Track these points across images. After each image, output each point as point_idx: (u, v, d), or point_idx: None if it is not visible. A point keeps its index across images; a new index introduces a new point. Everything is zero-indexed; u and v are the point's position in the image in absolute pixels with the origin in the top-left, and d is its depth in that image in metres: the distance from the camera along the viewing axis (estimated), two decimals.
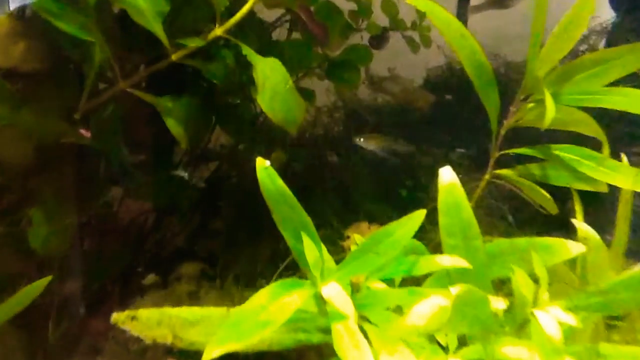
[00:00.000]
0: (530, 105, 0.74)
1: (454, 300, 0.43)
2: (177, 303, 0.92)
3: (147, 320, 0.50)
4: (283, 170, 0.98)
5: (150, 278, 1.00)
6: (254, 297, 0.48)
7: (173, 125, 0.77)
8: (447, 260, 0.54)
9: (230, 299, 0.98)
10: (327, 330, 0.56)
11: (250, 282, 0.97)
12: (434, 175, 0.63)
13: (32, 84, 0.76)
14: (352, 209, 0.72)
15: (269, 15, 0.96)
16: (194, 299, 0.99)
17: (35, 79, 0.76)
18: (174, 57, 0.74)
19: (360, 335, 0.48)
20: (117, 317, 0.53)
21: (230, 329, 0.45)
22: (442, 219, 0.54)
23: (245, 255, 1.04)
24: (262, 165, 0.54)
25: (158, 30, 0.71)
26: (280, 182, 0.53)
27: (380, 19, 1.18)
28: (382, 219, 0.75)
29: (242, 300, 0.62)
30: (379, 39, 1.12)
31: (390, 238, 0.54)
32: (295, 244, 0.53)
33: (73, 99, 0.78)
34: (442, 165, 0.66)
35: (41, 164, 0.80)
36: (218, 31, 0.74)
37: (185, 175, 0.98)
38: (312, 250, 0.51)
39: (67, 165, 0.82)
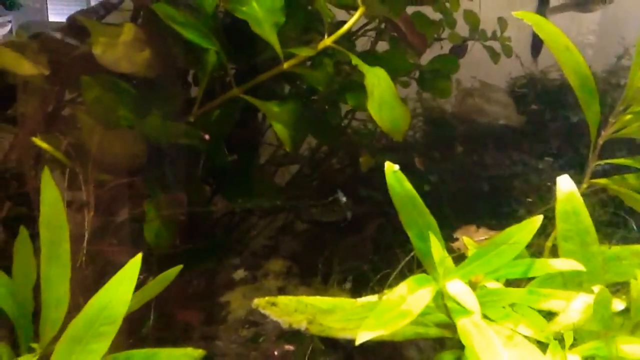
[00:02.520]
0: (629, 116, 0.76)
1: (594, 298, 0.46)
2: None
3: (285, 307, 0.55)
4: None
5: (240, 273, 1.05)
6: (395, 289, 0.52)
7: (280, 129, 0.82)
8: (561, 264, 0.57)
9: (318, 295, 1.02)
10: (443, 325, 0.60)
11: (331, 280, 1.01)
12: (528, 182, 0.66)
13: (152, 88, 0.81)
14: (456, 213, 0.75)
15: None
16: (283, 294, 1.03)
17: (154, 83, 0.82)
18: (285, 65, 0.78)
19: (488, 328, 0.51)
20: (258, 302, 0.58)
21: (378, 317, 0.49)
22: (560, 225, 0.57)
23: (326, 254, 1.08)
24: (391, 169, 0.58)
25: (273, 39, 0.76)
26: (408, 185, 0.57)
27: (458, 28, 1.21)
28: (485, 223, 0.78)
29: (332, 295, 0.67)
30: (458, 49, 1.15)
31: (510, 241, 0.57)
32: (419, 244, 0.57)
33: (188, 103, 0.84)
34: (534, 172, 0.69)
35: (154, 163, 0.86)
36: (328, 41, 0.79)
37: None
38: (438, 249, 0.55)
39: (176, 164, 0.88)
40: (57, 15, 1.32)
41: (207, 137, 0.78)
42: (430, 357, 0.74)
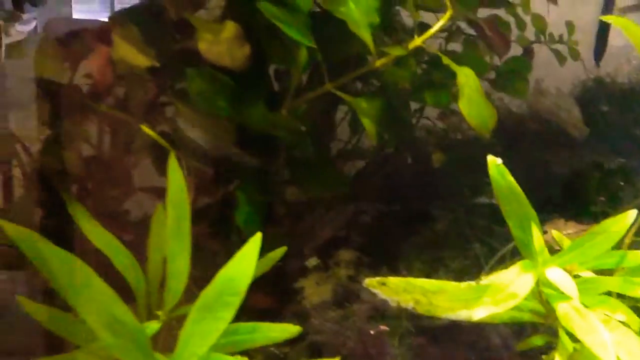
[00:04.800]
0: None
1: None
2: (339, 284, 1.02)
3: (395, 287, 0.59)
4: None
5: (313, 261, 1.10)
6: (505, 272, 0.56)
7: (368, 124, 0.86)
8: None
9: None
10: (536, 312, 0.64)
11: (397, 269, 1.06)
12: (601, 182, 0.70)
13: (248, 81, 0.87)
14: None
15: None
16: (354, 282, 1.08)
17: (251, 77, 0.87)
18: (378, 63, 0.83)
19: (589, 312, 0.56)
20: (369, 282, 0.62)
21: (491, 296, 0.53)
22: None
23: (394, 246, 1.13)
24: (494, 162, 0.62)
25: (368, 39, 0.81)
26: (510, 178, 0.61)
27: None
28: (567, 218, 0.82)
29: None
30: (526, 52, 1.19)
31: (605, 233, 0.61)
32: (520, 233, 0.61)
33: (280, 96, 0.89)
34: (606, 173, 0.73)
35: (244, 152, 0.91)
36: (418, 41, 0.83)
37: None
38: (539, 239, 0.59)
39: (262, 153, 0.93)
40: (81, 13, 1.37)
41: (303, 128, 0.83)
42: (511, 344, 0.79)
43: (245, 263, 0.60)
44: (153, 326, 0.62)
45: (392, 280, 0.60)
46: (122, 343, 0.56)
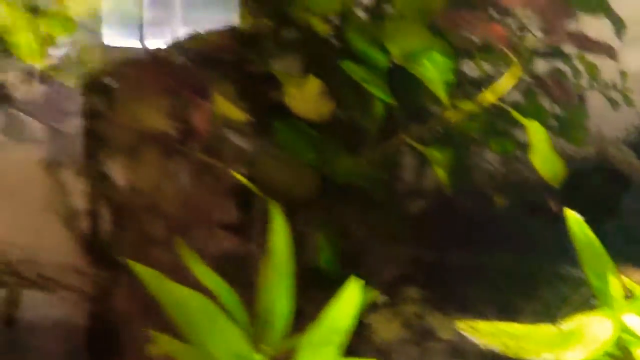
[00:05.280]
0: None
1: None
2: (407, 321, 1.08)
3: (484, 330, 0.65)
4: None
5: (380, 297, 1.16)
6: (585, 318, 0.62)
7: (441, 173, 0.93)
8: None
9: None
10: (615, 357, 0.69)
11: (465, 308, 1.11)
12: None
13: (331, 133, 0.94)
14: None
15: None
16: (420, 320, 1.14)
17: (333, 129, 0.95)
18: (451, 117, 0.90)
19: None
20: (460, 325, 0.68)
21: (575, 340, 0.59)
22: None
23: (458, 285, 1.18)
24: (573, 216, 0.68)
25: (442, 96, 0.88)
26: (589, 232, 0.67)
27: None
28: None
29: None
30: (579, 99, 1.25)
31: None
32: (597, 282, 0.67)
33: (359, 146, 0.96)
34: None
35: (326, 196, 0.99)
36: (489, 97, 0.90)
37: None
38: (617, 288, 0.65)
39: (343, 198, 1.00)
40: (111, 38, 1.42)
41: (382, 176, 0.90)
42: None
43: (348, 304, 0.67)
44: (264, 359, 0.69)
45: (481, 324, 0.66)
46: None
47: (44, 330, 1.16)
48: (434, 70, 0.87)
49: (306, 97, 0.90)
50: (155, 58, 0.85)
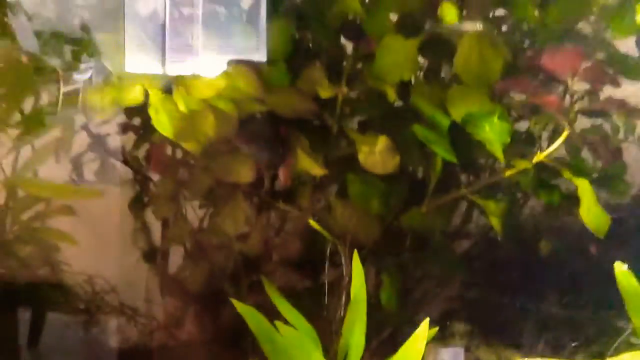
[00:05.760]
0: None
1: None
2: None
3: None
4: None
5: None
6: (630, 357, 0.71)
7: (495, 222, 1.03)
8: None
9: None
10: None
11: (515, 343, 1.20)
12: None
13: (396, 185, 1.05)
14: None
15: None
16: (468, 353, 1.23)
17: (398, 181, 1.05)
18: (507, 173, 1.00)
19: None
20: None
21: None
22: None
23: (503, 321, 1.27)
24: (620, 268, 0.77)
25: (500, 156, 0.98)
26: (634, 281, 0.76)
27: None
28: None
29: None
30: (616, 151, 1.34)
31: None
32: None
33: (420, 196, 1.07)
34: None
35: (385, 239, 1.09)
36: (541, 156, 1.00)
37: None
38: None
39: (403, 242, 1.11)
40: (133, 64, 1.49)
41: (443, 225, 1.01)
42: None
43: (419, 342, 0.77)
44: None
45: None
46: None
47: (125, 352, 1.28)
48: (492, 133, 0.97)
49: (375, 153, 1.01)
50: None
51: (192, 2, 1.40)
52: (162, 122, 0.81)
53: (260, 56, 1.08)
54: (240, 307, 0.79)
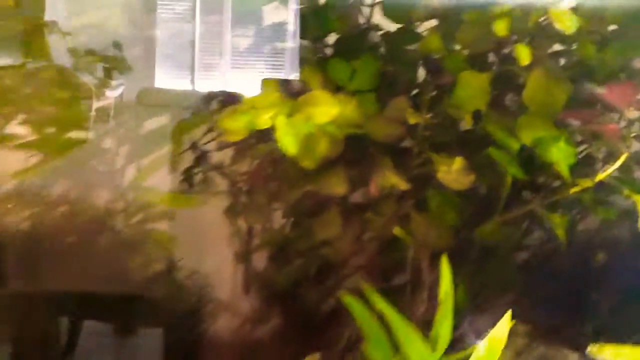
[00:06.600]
0: None
1: None
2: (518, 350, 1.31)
3: (611, 352, 0.87)
4: None
5: None
6: None
7: (560, 233, 1.16)
8: None
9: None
10: None
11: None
12: None
13: (471, 199, 1.20)
14: None
15: None
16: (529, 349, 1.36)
17: (473, 196, 1.20)
18: (572, 190, 1.14)
19: None
20: (592, 348, 0.90)
21: None
22: None
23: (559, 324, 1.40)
24: None
25: (566, 175, 1.12)
26: None
27: None
28: None
29: None
30: None
31: None
32: None
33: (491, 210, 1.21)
34: None
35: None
36: (602, 176, 1.13)
37: None
38: None
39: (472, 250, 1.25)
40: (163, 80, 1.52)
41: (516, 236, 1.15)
42: None
43: (500, 333, 0.92)
44: None
45: (609, 346, 0.87)
46: None
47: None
48: (559, 155, 1.11)
49: (452, 171, 1.16)
50: None
51: (222, 21, 1.52)
52: (288, 143, 0.97)
53: (291, 73, 1.21)
54: (346, 298, 0.95)
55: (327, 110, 0.98)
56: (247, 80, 1.38)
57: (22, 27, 1.27)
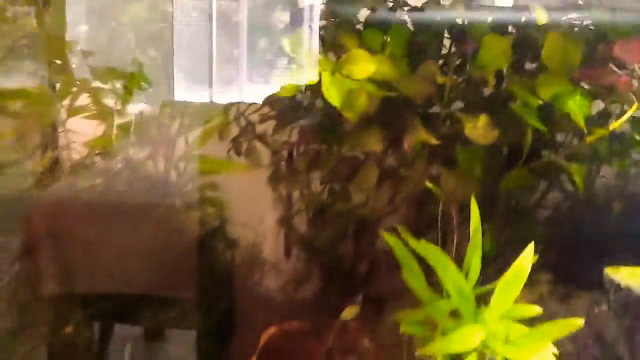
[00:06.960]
0: None
1: None
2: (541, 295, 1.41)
3: (625, 273, 0.97)
4: None
5: None
6: None
7: (578, 180, 1.27)
8: None
9: None
10: None
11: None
12: None
13: (494, 154, 1.31)
14: None
15: None
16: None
17: (495, 151, 1.31)
18: (589, 139, 1.24)
19: None
20: (608, 270, 1.01)
21: None
22: None
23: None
24: None
25: (582, 124, 1.22)
26: None
27: None
28: None
29: None
30: None
31: None
32: None
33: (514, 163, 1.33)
34: None
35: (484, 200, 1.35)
36: (616, 125, 1.23)
37: None
38: None
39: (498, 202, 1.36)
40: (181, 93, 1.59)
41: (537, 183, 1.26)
42: None
43: (525, 261, 1.03)
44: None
45: (624, 269, 0.97)
46: (462, 300, 1.00)
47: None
48: (575, 107, 1.22)
49: (478, 127, 1.27)
50: None
51: (238, 35, 1.61)
52: (332, 95, 1.10)
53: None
54: (387, 236, 1.07)
55: (365, 67, 1.11)
56: (264, 94, 1.49)
57: (45, 48, 1.34)
